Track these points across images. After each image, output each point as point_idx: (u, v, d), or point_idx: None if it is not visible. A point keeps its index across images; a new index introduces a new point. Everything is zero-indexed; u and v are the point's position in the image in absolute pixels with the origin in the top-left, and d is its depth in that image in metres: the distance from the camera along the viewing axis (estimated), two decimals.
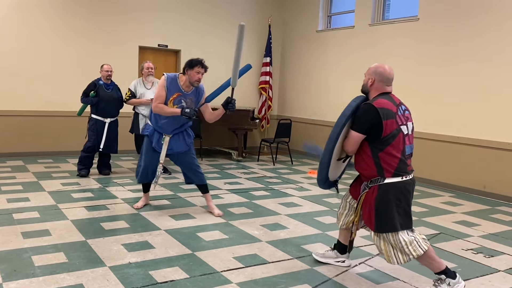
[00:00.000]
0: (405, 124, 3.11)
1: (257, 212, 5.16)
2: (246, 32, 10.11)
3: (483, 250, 4.22)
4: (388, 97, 3.16)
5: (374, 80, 3.18)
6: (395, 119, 3.04)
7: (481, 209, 5.76)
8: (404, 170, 3.04)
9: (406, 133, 3.10)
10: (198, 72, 4.58)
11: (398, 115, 3.07)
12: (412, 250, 3.04)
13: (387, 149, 3.02)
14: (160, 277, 3.30)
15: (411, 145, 3.13)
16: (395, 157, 3.02)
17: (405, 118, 3.13)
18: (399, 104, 3.17)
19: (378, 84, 3.17)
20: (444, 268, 3.11)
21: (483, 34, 6.47)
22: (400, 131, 3.05)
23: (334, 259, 3.68)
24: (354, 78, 8.48)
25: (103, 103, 6.52)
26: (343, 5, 9.14)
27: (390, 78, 3.20)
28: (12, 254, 3.59)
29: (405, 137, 3.07)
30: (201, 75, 4.60)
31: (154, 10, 8.86)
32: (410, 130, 3.16)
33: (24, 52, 7.88)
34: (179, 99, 4.60)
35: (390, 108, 3.06)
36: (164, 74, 4.69)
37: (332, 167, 3.28)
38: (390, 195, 3.04)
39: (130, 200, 5.41)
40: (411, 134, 3.15)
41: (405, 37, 7.57)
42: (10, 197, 5.29)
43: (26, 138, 8.01)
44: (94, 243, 3.91)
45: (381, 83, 3.17)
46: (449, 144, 6.89)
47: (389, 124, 3.01)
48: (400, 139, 3.03)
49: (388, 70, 3.18)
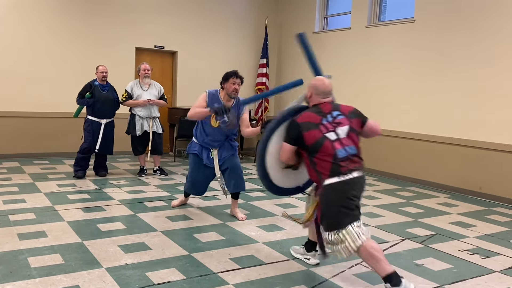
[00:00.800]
0: (333, 131, 3.27)
1: (254, 213, 5.17)
2: (244, 33, 10.16)
3: (479, 251, 4.23)
4: (317, 108, 3.39)
5: (312, 94, 3.47)
6: (318, 129, 3.26)
7: (477, 210, 5.79)
8: (339, 171, 3.17)
9: (335, 138, 3.25)
10: (233, 83, 4.63)
11: (322, 124, 3.28)
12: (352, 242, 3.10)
13: (317, 155, 3.22)
14: (156, 278, 3.29)
15: (345, 148, 3.23)
16: (326, 161, 3.20)
17: (334, 125, 3.30)
18: (328, 113, 3.35)
19: (315, 97, 3.45)
20: (390, 273, 3.03)
21: (479, 36, 6.50)
22: (326, 138, 3.23)
23: (303, 255, 3.81)
24: (351, 79, 8.51)
25: (99, 104, 6.51)
26: (340, 7, 9.16)
27: (326, 91, 3.46)
28: (8, 256, 3.58)
29: (333, 142, 3.23)
30: (237, 86, 4.65)
31: (150, 12, 8.86)
32: (344, 134, 3.29)
33: (20, 53, 7.86)
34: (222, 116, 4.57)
35: (312, 121, 3.30)
36: (206, 90, 4.75)
37: (278, 175, 3.54)
38: (331, 195, 3.20)
39: (126, 202, 5.40)
40: (344, 137, 3.27)
41: (401, 39, 7.60)
42: (6, 198, 5.27)
43: (22, 139, 7.99)
44: (90, 245, 3.91)
45: (317, 96, 3.44)
46: (445, 146, 6.92)
47: (311, 134, 3.24)
48: (327, 145, 3.21)
49: (324, 84, 3.47)
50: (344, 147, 3.24)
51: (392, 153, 7.74)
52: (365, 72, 8.22)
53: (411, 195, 6.50)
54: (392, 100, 7.74)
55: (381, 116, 7.93)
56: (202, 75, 9.45)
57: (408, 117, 7.47)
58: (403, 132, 7.53)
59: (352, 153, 3.25)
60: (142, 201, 5.48)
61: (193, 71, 9.38)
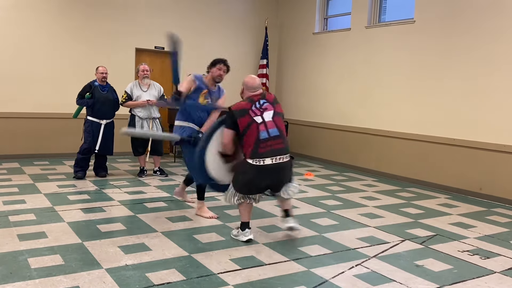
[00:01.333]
0: (260, 115, 4.01)
1: (254, 214, 5.14)
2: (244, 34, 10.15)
3: (479, 251, 4.23)
4: (248, 99, 4.14)
5: (243, 89, 4.25)
6: (248, 114, 4.00)
7: (477, 211, 5.78)
8: (257, 155, 3.94)
9: (261, 121, 3.99)
10: (219, 69, 4.98)
11: (251, 110, 4.03)
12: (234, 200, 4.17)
13: (245, 138, 3.99)
14: (156, 279, 3.29)
15: (268, 130, 3.98)
16: (250, 143, 3.95)
17: (261, 110, 4.04)
18: (256, 100, 4.09)
19: (246, 92, 4.21)
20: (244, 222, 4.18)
21: (479, 37, 6.50)
22: (254, 121, 3.98)
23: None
24: (351, 80, 8.51)
25: (99, 105, 6.52)
26: (340, 8, 9.17)
27: (254, 86, 4.20)
28: (8, 257, 3.58)
29: (259, 125, 3.97)
30: (222, 72, 4.99)
31: (150, 12, 8.86)
32: (269, 118, 4.03)
33: (19, 54, 7.86)
34: (207, 95, 5.02)
35: (244, 107, 4.06)
36: (192, 73, 5.09)
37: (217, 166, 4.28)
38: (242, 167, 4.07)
39: (126, 202, 5.40)
40: (269, 120, 4.02)
41: (401, 40, 7.60)
42: (6, 199, 5.27)
43: (22, 140, 8.00)
44: (90, 245, 3.91)
45: (247, 91, 4.20)
46: (445, 146, 6.92)
47: (244, 120, 3.99)
48: (253, 127, 3.96)
49: (253, 81, 4.22)
50: (268, 129, 3.97)
51: (392, 154, 7.74)
52: (365, 73, 8.22)
53: (411, 196, 6.50)
54: (392, 100, 7.74)
55: (381, 117, 7.94)
56: None
57: (408, 118, 7.47)
58: (403, 132, 7.53)
59: (274, 135, 3.98)
60: (142, 202, 5.48)
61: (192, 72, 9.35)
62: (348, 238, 4.43)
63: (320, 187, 6.83)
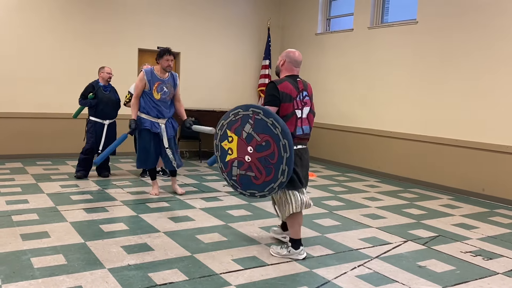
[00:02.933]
0: (301, 109, 3.73)
1: (256, 214, 5.17)
2: (246, 34, 10.16)
3: (481, 252, 4.23)
4: (293, 80, 3.77)
5: (285, 61, 3.85)
6: (291, 103, 3.67)
7: (480, 212, 5.77)
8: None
9: (300, 116, 3.72)
10: (167, 59, 5.44)
11: (296, 100, 3.70)
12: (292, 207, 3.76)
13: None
14: (159, 279, 3.30)
15: (302, 127, 3.74)
16: None
17: (302, 104, 3.75)
18: (301, 91, 3.77)
19: (288, 65, 3.84)
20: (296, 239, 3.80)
21: (482, 38, 6.49)
22: (295, 114, 3.69)
23: (280, 235, 4.26)
24: (353, 80, 8.51)
25: (102, 105, 6.54)
26: (342, 8, 9.16)
27: (299, 61, 3.87)
28: (11, 256, 3.59)
29: (297, 120, 3.70)
30: (170, 62, 5.46)
31: (153, 13, 8.88)
32: (305, 115, 3.77)
33: (22, 55, 7.88)
34: (161, 86, 5.51)
35: (290, 93, 3.68)
36: (142, 69, 5.57)
37: None
38: None
39: (129, 203, 5.41)
40: (304, 117, 3.76)
41: (403, 41, 7.59)
42: (9, 199, 5.29)
43: (25, 140, 8.01)
44: (93, 245, 3.91)
45: (290, 64, 3.83)
46: (447, 147, 6.91)
47: (286, 107, 3.65)
48: (293, 120, 3.67)
49: (298, 55, 3.88)
50: (302, 126, 3.75)
51: (394, 154, 7.73)
52: (367, 74, 8.22)
53: (414, 196, 6.49)
54: (394, 101, 7.73)
55: (383, 118, 7.93)
56: (204, 76, 9.47)
57: (410, 119, 7.46)
58: (406, 133, 7.52)
59: (306, 132, 3.80)
60: (144, 202, 5.49)
61: (195, 72, 9.40)
62: (350, 239, 4.43)
63: (323, 187, 6.82)
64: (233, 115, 3.74)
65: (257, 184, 3.65)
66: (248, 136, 3.65)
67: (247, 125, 3.64)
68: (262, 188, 3.64)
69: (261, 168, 3.60)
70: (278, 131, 3.49)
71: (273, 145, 3.52)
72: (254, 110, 3.61)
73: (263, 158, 3.58)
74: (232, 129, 3.74)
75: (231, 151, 3.76)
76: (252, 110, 3.62)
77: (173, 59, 5.50)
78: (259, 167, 3.61)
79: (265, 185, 3.61)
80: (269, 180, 3.58)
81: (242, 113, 3.68)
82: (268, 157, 3.56)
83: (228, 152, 3.78)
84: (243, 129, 3.67)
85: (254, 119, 3.60)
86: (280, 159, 3.50)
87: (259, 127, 3.57)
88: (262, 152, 3.59)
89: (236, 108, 3.75)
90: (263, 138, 3.56)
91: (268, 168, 3.56)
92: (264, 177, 3.60)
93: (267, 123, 3.53)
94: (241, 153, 3.69)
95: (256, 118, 3.59)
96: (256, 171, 3.63)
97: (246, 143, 3.66)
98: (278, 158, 3.51)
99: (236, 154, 3.73)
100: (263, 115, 3.55)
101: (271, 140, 3.53)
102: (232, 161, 3.76)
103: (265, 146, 3.56)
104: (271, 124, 3.51)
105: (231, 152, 3.76)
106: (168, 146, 5.63)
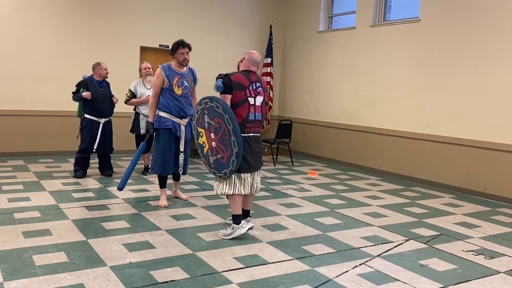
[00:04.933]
0: (253, 97, 4.20)
1: (258, 212, 5.17)
2: (248, 32, 10.16)
3: (483, 251, 4.22)
4: (247, 74, 4.24)
5: (245, 58, 4.31)
6: (244, 91, 4.13)
7: (481, 211, 5.76)
8: (242, 132, 4.08)
9: (253, 103, 4.18)
10: (182, 53, 5.06)
11: (248, 89, 4.16)
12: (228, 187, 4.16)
13: (236, 110, 4.10)
14: (160, 277, 3.30)
15: (255, 113, 4.20)
16: (240, 117, 4.11)
17: (255, 93, 4.21)
18: (254, 82, 4.23)
19: (246, 62, 4.31)
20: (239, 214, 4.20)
21: (484, 36, 6.47)
22: (247, 101, 4.15)
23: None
24: (355, 78, 8.49)
25: (98, 103, 6.42)
26: (344, 6, 9.14)
27: (257, 61, 4.31)
28: (13, 254, 3.59)
29: (250, 106, 4.16)
30: (186, 55, 5.07)
31: (155, 10, 8.87)
32: (259, 103, 4.24)
33: (25, 53, 7.89)
34: (181, 81, 5.11)
35: (243, 83, 4.15)
36: (159, 66, 5.13)
37: None
38: None
39: (131, 200, 5.41)
40: (258, 105, 4.23)
41: (406, 38, 7.58)
42: (11, 196, 5.30)
43: (27, 138, 8.03)
44: (94, 243, 3.92)
45: (248, 62, 4.30)
46: (449, 146, 6.90)
47: (239, 94, 4.11)
48: (245, 106, 4.13)
49: (256, 56, 4.31)
50: (256, 112, 4.21)
51: (397, 153, 7.72)
52: (369, 72, 8.20)
53: (416, 195, 6.49)
54: (396, 99, 7.72)
55: (385, 116, 7.92)
56: (206, 74, 9.44)
57: (412, 117, 7.45)
58: (408, 132, 7.51)
59: (258, 119, 4.24)
60: (146, 200, 5.49)
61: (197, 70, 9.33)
62: (352, 237, 4.42)
63: (324, 186, 6.82)
64: (196, 113, 4.27)
65: (224, 163, 4.09)
66: (208, 125, 4.16)
67: (205, 116, 4.16)
68: (227, 165, 4.06)
69: (222, 147, 4.08)
70: (220, 110, 3.99)
71: (222, 123, 4.01)
72: (204, 101, 4.14)
73: (221, 138, 4.07)
74: (199, 124, 4.26)
75: (205, 144, 4.26)
76: (203, 101, 4.15)
77: (188, 51, 5.07)
78: (221, 147, 4.09)
79: (228, 160, 4.05)
80: (229, 155, 4.03)
81: (199, 108, 4.21)
82: (223, 136, 4.05)
83: (203, 145, 4.28)
84: (204, 120, 4.18)
85: (206, 108, 4.12)
86: (229, 132, 3.98)
87: (211, 113, 4.09)
88: (218, 134, 4.09)
89: (196, 105, 4.28)
90: (215, 121, 4.07)
91: (226, 145, 4.04)
92: (226, 154, 4.05)
93: (213, 107, 4.05)
94: (209, 141, 4.20)
95: (207, 107, 4.11)
96: (221, 152, 4.09)
97: (209, 131, 4.17)
98: (228, 132, 4.00)
99: (207, 145, 4.23)
100: (209, 102, 4.08)
101: (220, 120, 4.02)
102: (207, 152, 4.24)
103: (219, 128, 4.06)
104: (215, 106, 4.02)
105: (205, 144, 4.26)
106: (184, 150, 5.24)
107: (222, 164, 4.11)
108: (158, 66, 5.13)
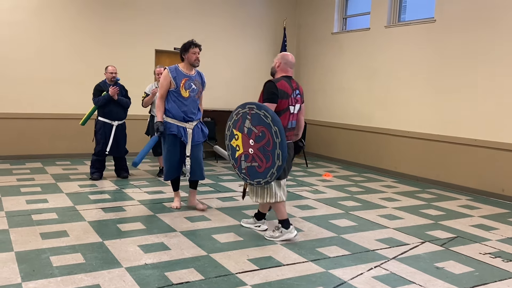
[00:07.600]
0: (294, 106, 4.15)
1: (272, 214, 5.16)
2: (262, 34, 10.14)
3: (501, 254, 4.16)
4: (288, 80, 4.17)
5: (281, 63, 4.23)
6: (287, 99, 4.06)
7: (499, 213, 5.68)
8: None
9: (292, 112, 4.14)
10: (194, 52, 4.98)
11: (291, 97, 4.11)
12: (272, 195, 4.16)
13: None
14: (175, 278, 3.32)
15: (292, 121, 4.17)
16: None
17: (295, 101, 4.15)
18: (295, 89, 4.18)
19: (283, 66, 4.22)
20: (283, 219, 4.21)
21: (500, 35, 6.38)
22: (289, 109, 4.10)
23: (253, 224, 4.58)
24: (370, 80, 8.44)
25: (111, 105, 6.50)
26: (359, 7, 9.10)
27: (293, 62, 4.28)
28: (31, 255, 3.65)
29: (290, 114, 4.12)
30: (198, 54, 5.00)
31: (169, 14, 8.94)
32: (296, 111, 4.20)
33: (42, 56, 8.01)
34: (189, 83, 5.00)
35: (287, 91, 4.08)
36: (166, 67, 5.05)
37: None
38: None
39: (146, 202, 5.46)
40: (295, 113, 4.19)
41: (421, 39, 7.51)
42: (29, 198, 5.38)
43: (44, 140, 8.15)
44: (110, 244, 3.96)
45: (285, 66, 4.22)
46: (466, 147, 6.81)
47: (283, 103, 4.04)
48: (286, 115, 4.08)
49: (292, 57, 4.29)
50: (292, 120, 4.18)
51: (412, 154, 7.65)
52: (384, 73, 8.15)
53: (432, 197, 6.42)
54: (412, 101, 7.65)
55: (400, 117, 7.86)
56: (220, 76, 9.49)
57: (428, 118, 7.38)
58: (423, 133, 7.44)
59: (293, 126, 4.23)
60: (161, 201, 5.53)
61: (211, 72, 9.40)
62: (367, 240, 4.40)
63: (339, 188, 6.79)
64: (235, 115, 4.16)
65: (260, 172, 4.01)
66: (248, 131, 4.04)
67: (246, 121, 4.04)
68: (265, 175, 3.99)
69: (261, 157, 3.98)
70: (269, 120, 3.87)
71: (267, 134, 3.90)
72: (249, 106, 4.02)
73: (262, 147, 3.97)
74: (237, 127, 4.15)
75: (238, 147, 4.15)
76: (248, 106, 4.02)
77: (199, 51, 5.01)
78: (260, 156, 3.99)
79: (267, 171, 3.97)
80: (269, 166, 3.94)
81: (241, 111, 4.08)
82: (265, 145, 3.94)
83: (236, 148, 4.18)
84: (244, 125, 4.07)
85: (250, 114, 4.00)
86: (274, 145, 3.88)
87: (255, 120, 3.97)
88: (260, 142, 3.97)
89: (237, 108, 4.15)
90: (259, 129, 3.96)
91: (267, 156, 3.94)
92: (265, 165, 3.96)
93: (260, 115, 3.92)
94: (246, 147, 4.08)
95: (251, 113, 3.99)
96: (259, 161, 4.00)
97: (248, 137, 4.05)
98: (272, 144, 3.89)
99: (242, 149, 4.12)
100: (256, 109, 3.95)
101: (265, 130, 3.91)
102: (240, 156, 4.14)
103: (262, 136, 3.95)
104: (263, 115, 3.90)
105: (239, 148, 4.15)
106: (190, 155, 5.02)
107: (257, 173, 4.03)
108: (165, 68, 5.06)
